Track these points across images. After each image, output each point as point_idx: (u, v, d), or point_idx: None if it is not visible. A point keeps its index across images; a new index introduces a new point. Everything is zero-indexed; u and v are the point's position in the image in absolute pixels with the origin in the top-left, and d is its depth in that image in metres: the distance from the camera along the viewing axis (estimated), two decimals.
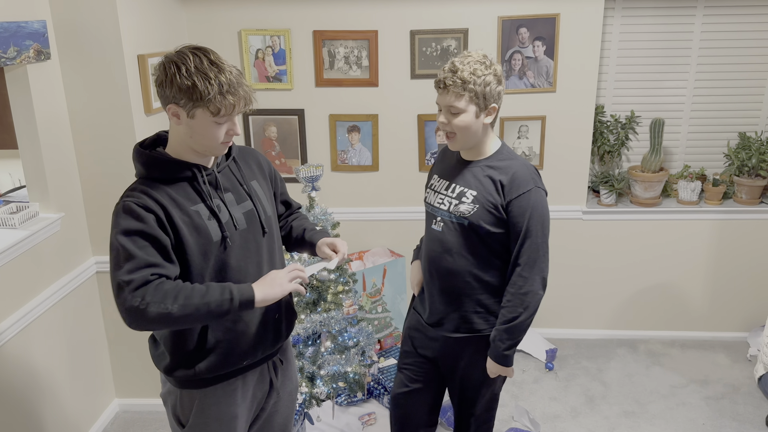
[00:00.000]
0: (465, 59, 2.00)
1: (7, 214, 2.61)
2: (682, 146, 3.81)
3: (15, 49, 2.41)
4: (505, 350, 2.09)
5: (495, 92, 2.02)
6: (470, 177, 2.10)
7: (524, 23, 3.39)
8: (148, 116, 2.91)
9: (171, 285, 1.58)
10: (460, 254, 2.10)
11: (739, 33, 3.58)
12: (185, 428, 1.82)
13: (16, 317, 2.50)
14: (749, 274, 3.75)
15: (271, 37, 3.44)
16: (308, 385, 2.77)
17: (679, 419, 3.14)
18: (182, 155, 1.69)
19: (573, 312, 3.87)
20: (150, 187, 1.65)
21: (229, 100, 1.57)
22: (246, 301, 1.62)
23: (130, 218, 1.59)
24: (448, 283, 2.15)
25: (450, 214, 2.10)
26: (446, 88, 1.99)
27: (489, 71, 1.99)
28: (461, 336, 2.18)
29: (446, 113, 2.03)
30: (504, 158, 2.10)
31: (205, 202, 1.69)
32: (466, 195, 2.08)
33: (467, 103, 1.99)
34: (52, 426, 2.75)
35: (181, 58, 1.56)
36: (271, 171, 1.96)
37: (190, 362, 1.74)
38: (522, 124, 3.54)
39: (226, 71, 1.57)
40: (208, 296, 1.59)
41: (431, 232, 2.18)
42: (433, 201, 2.17)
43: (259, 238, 1.79)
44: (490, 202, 2.04)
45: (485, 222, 2.04)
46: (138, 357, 3.09)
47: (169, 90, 1.58)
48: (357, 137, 3.59)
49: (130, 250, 1.56)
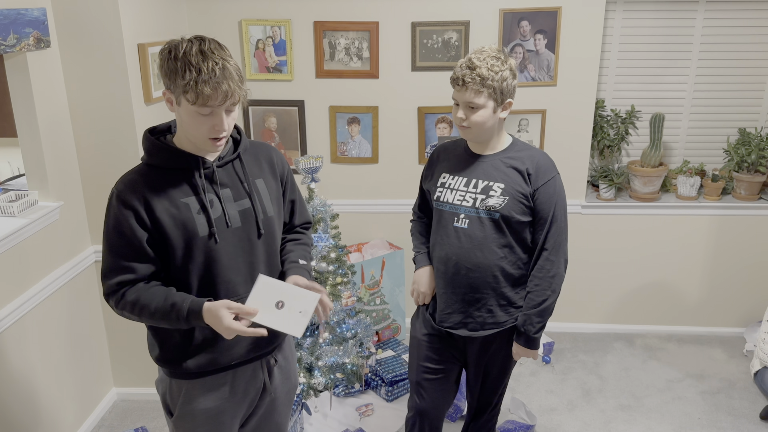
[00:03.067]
0: (481, 54, 2.00)
1: (7, 202, 2.61)
2: (681, 141, 3.81)
3: (15, 36, 2.39)
4: (535, 333, 2.15)
5: (511, 87, 2.04)
6: (492, 170, 2.11)
7: (526, 16, 3.38)
8: (147, 105, 2.91)
9: (133, 294, 1.64)
10: (490, 248, 2.10)
11: (740, 29, 3.57)
12: (173, 417, 1.82)
13: (15, 305, 2.50)
14: (747, 269, 3.76)
15: (271, 27, 3.43)
16: (306, 376, 2.78)
17: (675, 413, 3.16)
18: (184, 145, 1.68)
19: (570, 306, 3.88)
20: (144, 174, 1.66)
21: (204, 91, 1.51)
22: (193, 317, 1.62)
23: (112, 215, 1.65)
24: (475, 279, 2.13)
25: (476, 210, 2.09)
26: (465, 85, 1.99)
27: (506, 66, 2.01)
28: (487, 333, 2.19)
29: (465, 109, 2.04)
30: (522, 149, 2.14)
31: (198, 196, 1.67)
32: (494, 188, 2.08)
33: (486, 99, 2.01)
34: (50, 414, 2.76)
35: (175, 44, 1.56)
36: (284, 172, 1.87)
37: (178, 357, 1.73)
38: (522, 117, 3.53)
39: (211, 60, 1.52)
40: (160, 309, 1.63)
41: (453, 231, 2.14)
42: (452, 199, 2.14)
43: (254, 238, 1.75)
44: (519, 192, 2.07)
45: (516, 212, 2.07)
46: (136, 346, 3.10)
47: (162, 74, 1.59)
48: (357, 129, 3.59)
49: (106, 252, 1.67)
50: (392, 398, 3.22)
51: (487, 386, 2.34)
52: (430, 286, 2.26)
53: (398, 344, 3.55)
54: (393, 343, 3.55)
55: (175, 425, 1.83)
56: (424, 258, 2.29)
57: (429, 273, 2.26)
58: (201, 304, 1.61)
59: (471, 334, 2.20)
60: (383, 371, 3.27)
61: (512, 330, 2.20)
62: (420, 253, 2.31)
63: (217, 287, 1.70)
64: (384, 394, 3.24)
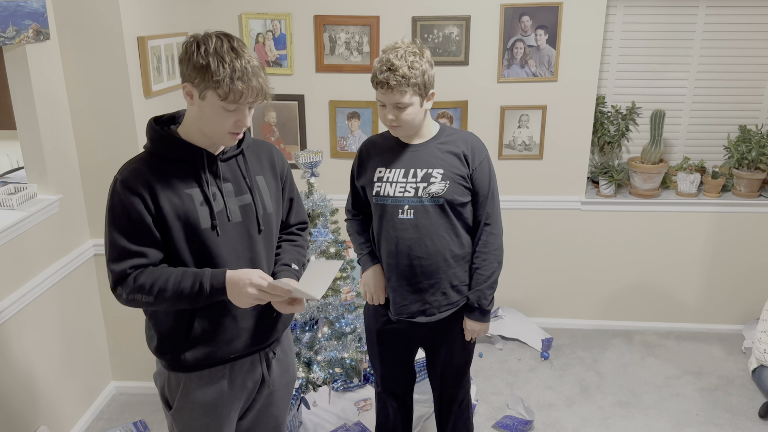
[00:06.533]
0: (397, 53, 2.02)
1: (6, 194, 2.60)
2: (682, 138, 3.80)
3: (14, 28, 2.39)
4: (488, 305, 2.24)
5: (431, 78, 2.09)
6: (428, 157, 2.15)
7: (527, 11, 3.37)
8: (147, 99, 2.90)
9: (146, 277, 1.62)
10: (439, 234, 2.15)
11: (741, 26, 3.56)
12: (172, 410, 1.83)
13: (13, 299, 2.50)
14: (746, 267, 3.76)
15: (271, 21, 3.42)
16: (305, 371, 2.78)
17: (673, 410, 3.16)
18: (191, 137, 1.69)
19: (569, 302, 3.88)
20: (147, 163, 1.66)
21: (238, 87, 1.55)
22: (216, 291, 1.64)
23: (117, 201, 1.63)
24: (427, 267, 2.17)
25: (419, 199, 2.13)
26: (390, 88, 2.01)
27: (423, 59, 2.05)
28: (445, 315, 2.24)
29: (392, 109, 2.07)
30: (451, 132, 2.21)
31: (201, 188, 1.67)
32: (433, 175, 2.12)
33: (411, 96, 2.04)
34: (49, 408, 2.76)
35: (203, 39, 1.58)
36: (284, 172, 1.90)
37: (177, 349, 1.74)
38: (522, 113, 3.53)
39: (243, 59, 1.57)
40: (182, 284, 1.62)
41: (399, 223, 2.16)
42: (393, 192, 2.16)
43: (254, 234, 1.76)
44: (458, 175, 2.13)
45: (458, 195, 2.13)
46: (135, 340, 3.10)
47: (186, 67, 1.59)
48: (357, 124, 3.58)
49: (114, 238, 1.63)
50: None
51: (449, 373, 2.38)
52: (381, 284, 2.29)
53: None
54: None
55: (173, 418, 1.83)
56: (368, 258, 2.31)
57: (377, 272, 2.29)
58: (224, 270, 1.65)
59: (429, 319, 2.24)
60: None
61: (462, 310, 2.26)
62: (363, 254, 2.33)
63: None
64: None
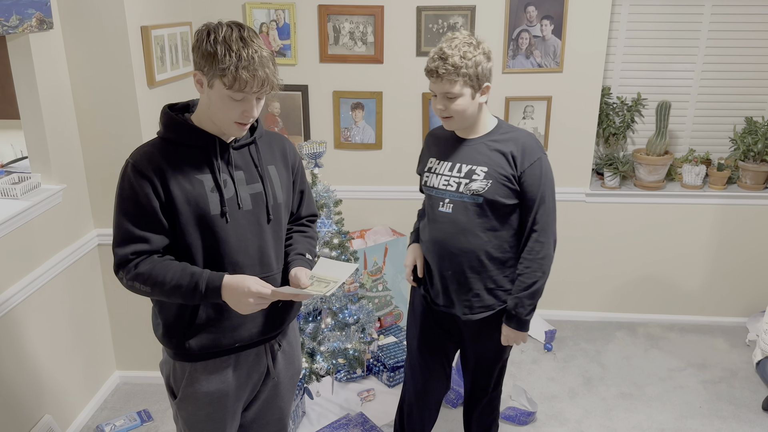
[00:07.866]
0: (452, 43, 1.99)
1: (9, 184, 2.60)
2: (687, 130, 3.78)
3: (17, 17, 2.38)
4: (526, 315, 2.16)
5: (487, 71, 2.03)
6: (475, 154, 2.11)
7: (532, 1, 3.34)
8: (151, 89, 2.89)
9: (147, 266, 1.63)
10: (474, 233, 2.11)
11: (748, 17, 3.53)
12: (176, 399, 1.83)
13: (17, 288, 2.50)
14: (750, 259, 3.74)
15: (275, 10, 3.40)
16: (308, 361, 2.79)
17: (676, 402, 3.16)
18: (203, 125, 1.69)
19: (573, 294, 3.88)
20: (159, 148, 1.67)
21: (243, 75, 1.55)
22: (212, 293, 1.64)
23: (127, 184, 1.64)
24: (462, 264, 2.14)
25: (460, 194, 2.10)
26: (439, 76, 1.99)
27: (478, 51, 2.00)
28: (478, 317, 2.20)
29: (442, 99, 2.04)
30: (506, 131, 2.13)
31: (213, 174, 1.68)
32: (477, 172, 2.08)
33: (462, 87, 2.00)
34: (53, 397, 2.77)
35: (215, 27, 1.58)
36: (295, 163, 1.90)
37: (182, 336, 1.74)
38: (527, 104, 3.51)
39: (251, 48, 1.56)
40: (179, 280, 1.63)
41: (439, 215, 2.16)
42: (437, 184, 2.15)
43: (263, 223, 1.76)
44: (503, 175, 2.06)
45: (500, 196, 2.07)
46: (139, 329, 3.10)
47: (196, 55, 1.60)
48: (361, 114, 3.57)
49: (120, 221, 1.65)
50: (393, 384, 3.23)
51: (481, 369, 2.36)
52: (415, 261, 2.31)
53: (400, 330, 3.56)
54: (395, 329, 3.56)
55: (178, 407, 1.84)
56: (414, 236, 2.37)
57: (416, 248, 2.32)
58: (222, 274, 1.65)
59: (462, 317, 2.22)
60: (385, 357, 3.27)
61: (502, 313, 2.21)
62: (412, 232, 2.39)
63: (224, 268, 1.70)
64: (385, 380, 3.25)
